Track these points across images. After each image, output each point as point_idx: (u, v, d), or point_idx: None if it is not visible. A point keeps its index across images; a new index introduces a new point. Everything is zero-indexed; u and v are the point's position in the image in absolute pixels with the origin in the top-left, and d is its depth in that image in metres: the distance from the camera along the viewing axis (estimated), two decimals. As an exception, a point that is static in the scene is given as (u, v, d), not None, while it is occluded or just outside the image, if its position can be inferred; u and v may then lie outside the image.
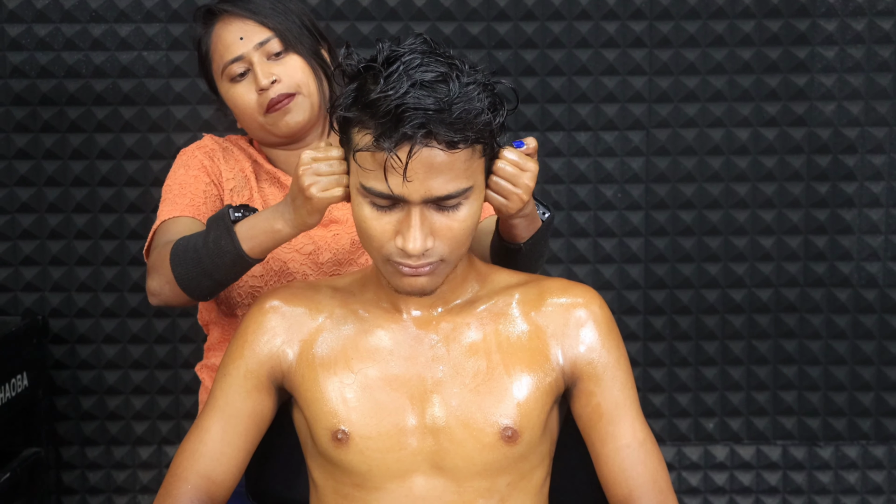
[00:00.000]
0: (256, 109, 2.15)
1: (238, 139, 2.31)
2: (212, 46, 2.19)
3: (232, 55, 2.15)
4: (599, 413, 1.82)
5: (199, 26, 2.21)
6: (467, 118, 1.64)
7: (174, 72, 3.03)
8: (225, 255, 1.94)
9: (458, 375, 1.80)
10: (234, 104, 2.18)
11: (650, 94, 3.07)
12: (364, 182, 1.69)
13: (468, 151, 1.67)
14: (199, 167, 2.21)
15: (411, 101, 1.62)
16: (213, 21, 2.19)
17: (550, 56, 3.05)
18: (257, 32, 2.16)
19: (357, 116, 1.68)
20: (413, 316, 1.83)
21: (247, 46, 2.15)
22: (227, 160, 2.25)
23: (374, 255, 1.74)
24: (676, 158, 3.09)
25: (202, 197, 2.19)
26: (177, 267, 1.99)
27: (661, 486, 1.83)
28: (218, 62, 2.18)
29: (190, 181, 2.20)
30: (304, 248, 2.20)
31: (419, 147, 1.63)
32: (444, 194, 1.67)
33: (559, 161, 3.10)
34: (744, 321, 3.15)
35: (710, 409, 3.18)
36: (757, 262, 3.12)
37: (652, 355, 3.16)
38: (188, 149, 2.26)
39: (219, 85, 2.20)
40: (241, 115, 2.18)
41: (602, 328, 1.84)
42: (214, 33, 2.18)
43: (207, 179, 2.21)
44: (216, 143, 2.27)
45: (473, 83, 1.66)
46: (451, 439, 1.78)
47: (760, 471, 3.19)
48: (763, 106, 3.07)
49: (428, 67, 1.64)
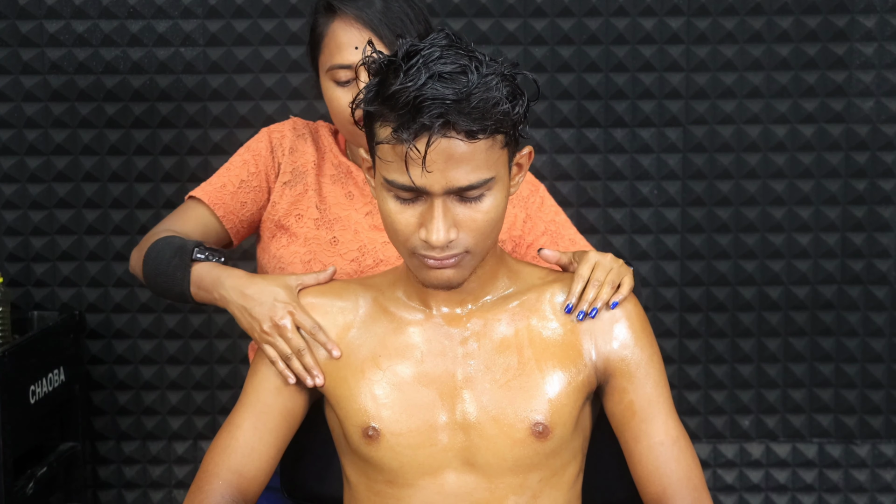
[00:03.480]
0: (350, 119, 2.10)
1: (323, 127, 2.30)
2: (325, 40, 2.14)
3: (343, 60, 2.11)
4: (632, 410, 1.82)
5: (321, 13, 2.16)
6: (486, 107, 1.64)
7: (211, 67, 3.04)
8: (175, 284, 2.05)
9: (488, 371, 1.80)
10: (331, 104, 2.15)
11: (687, 90, 3.06)
12: (386, 175, 1.69)
13: (488, 142, 1.67)
14: (255, 154, 2.22)
15: (429, 92, 1.62)
16: (333, 15, 2.13)
17: (587, 52, 3.04)
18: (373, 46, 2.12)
19: (378, 110, 1.68)
20: (443, 312, 1.83)
21: (359, 58, 2.09)
22: (293, 152, 2.24)
23: (401, 249, 1.75)
24: (713, 155, 3.08)
25: (234, 186, 2.20)
26: (145, 265, 2.10)
27: (694, 484, 1.82)
28: (327, 59, 2.14)
29: (237, 166, 2.22)
30: (348, 253, 2.19)
31: (437, 137, 1.63)
32: (465, 185, 1.67)
33: (595, 157, 3.09)
34: (780, 318, 3.13)
35: (745, 406, 3.16)
36: (794, 259, 3.11)
37: (688, 352, 3.15)
38: (266, 130, 2.28)
39: (321, 74, 2.17)
40: (335, 115, 2.16)
41: (635, 325, 1.83)
42: (332, 28, 2.13)
43: (254, 170, 2.22)
44: (292, 131, 2.26)
45: (493, 74, 1.66)
46: (481, 435, 1.78)
47: (796, 468, 3.18)
48: (801, 102, 3.05)
49: (447, 60, 1.65)
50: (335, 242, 2.18)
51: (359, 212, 2.21)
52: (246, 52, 3.04)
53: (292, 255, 2.18)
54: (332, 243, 2.18)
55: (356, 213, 2.20)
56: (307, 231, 2.19)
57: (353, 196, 2.22)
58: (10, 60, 3.03)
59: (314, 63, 2.20)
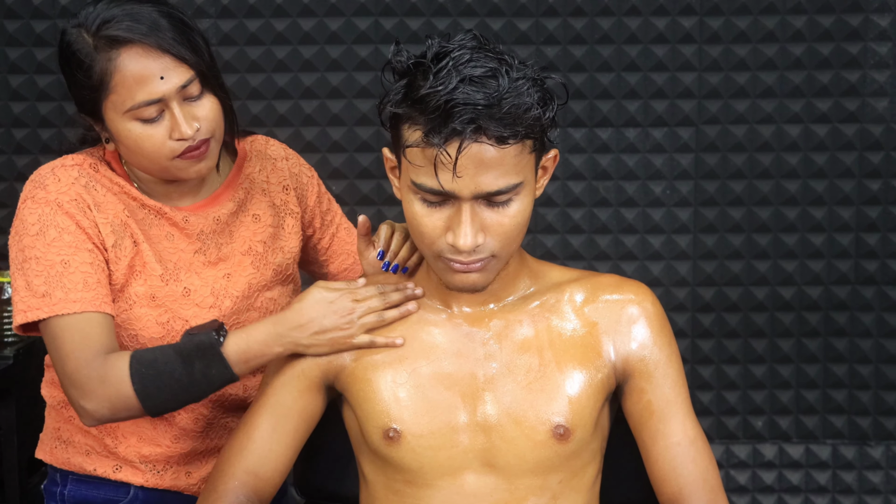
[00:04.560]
0: (167, 155, 1.88)
1: (95, 163, 1.96)
2: (115, 79, 1.84)
3: (149, 97, 1.84)
4: (650, 410, 1.81)
5: (96, 48, 1.85)
6: (517, 113, 1.64)
7: (224, 67, 3.04)
8: (214, 382, 1.86)
9: (510, 373, 1.80)
10: (137, 145, 1.88)
11: (700, 90, 3.05)
12: (414, 178, 1.68)
13: (518, 147, 1.66)
14: (77, 230, 1.89)
15: (460, 97, 1.61)
16: (117, 47, 1.84)
17: (599, 52, 3.04)
18: (178, 72, 1.86)
19: (406, 113, 1.67)
20: (465, 313, 1.83)
21: (168, 88, 1.85)
22: (98, 206, 1.93)
23: (426, 252, 1.74)
24: (726, 155, 3.08)
25: (96, 277, 1.89)
26: (149, 398, 1.84)
27: (711, 485, 1.81)
28: (124, 99, 1.85)
29: (73, 255, 1.88)
30: (203, 301, 1.98)
31: (469, 142, 1.63)
32: (494, 190, 1.66)
33: (608, 157, 3.08)
34: (793, 319, 3.12)
35: (758, 407, 3.16)
36: (807, 260, 3.10)
37: (700, 353, 3.14)
38: (48, 194, 1.89)
39: (112, 118, 1.88)
40: (141, 156, 1.89)
41: (654, 325, 1.83)
42: (121, 64, 1.84)
43: (90, 246, 1.90)
44: (79, 184, 1.92)
45: (523, 78, 1.65)
46: (502, 437, 1.78)
47: (810, 470, 3.17)
48: (814, 102, 3.05)
49: (477, 63, 1.64)
50: (188, 293, 1.97)
51: (187, 252, 1.98)
52: (259, 51, 3.04)
53: (144, 317, 1.95)
54: (184, 295, 1.97)
55: (186, 255, 1.98)
56: (155, 289, 1.95)
57: (174, 236, 1.98)
58: (24, 60, 3.03)
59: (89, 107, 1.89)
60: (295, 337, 1.84)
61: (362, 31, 3.02)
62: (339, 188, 3.06)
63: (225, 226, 2.02)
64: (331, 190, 3.05)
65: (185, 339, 1.86)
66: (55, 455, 2.06)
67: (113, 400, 1.85)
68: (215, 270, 2.00)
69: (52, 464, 2.06)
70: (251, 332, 1.85)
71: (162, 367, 1.84)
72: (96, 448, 2.02)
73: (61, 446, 2.05)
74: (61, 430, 2.05)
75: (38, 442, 2.12)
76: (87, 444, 2.02)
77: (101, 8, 1.86)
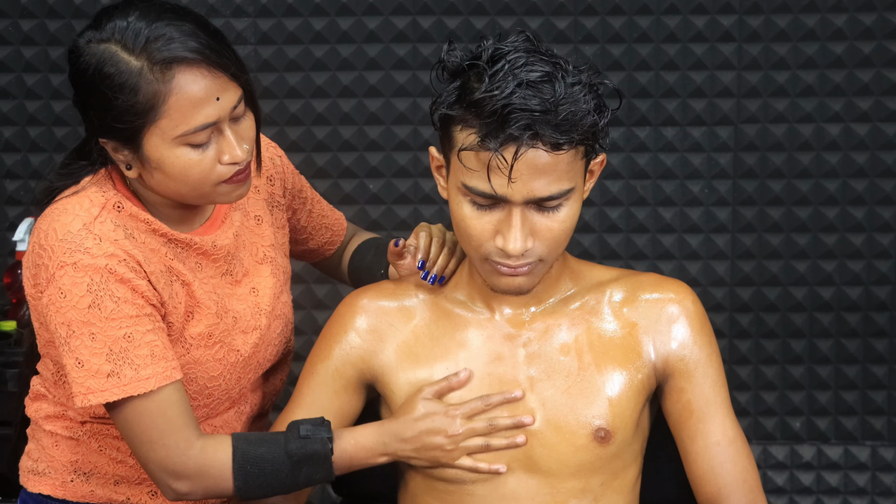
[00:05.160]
0: (213, 181, 1.74)
1: (118, 201, 1.78)
2: (170, 102, 1.68)
3: (206, 120, 1.70)
4: (690, 410, 1.81)
5: (144, 69, 1.68)
6: (573, 120, 1.63)
7: (262, 66, 3.05)
8: (313, 483, 1.80)
9: (550, 376, 1.79)
10: (183, 173, 1.73)
11: (739, 88, 3.04)
12: (466, 181, 1.68)
13: (571, 153, 1.66)
14: (134, 296, 1.72)
15: (518, 102, 1.61)
16: (170, 67, 1.68)
17: (638, 51, 3.03)
18: (231, 91, 1.73)
19: (460, 115, 1.67)
20: (506, 315, 1.83)
21: (224, 110, 1.71)
22: (147, 259, 1.75)
23: (472, 254, 1.74)
24: (765, 154, 3.06)
25: (161, 343, 1.74)
26: (248, 493, 1.77)
27: (750, 485, 1.81)
28: (177, 124, 1.69)
29: (135, 325, 1.72)
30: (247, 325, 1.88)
31: (525, 148, 1.62)
32: (546, 195, 1.66)
33: (645, 156, 3.08)
34: (832, 319, 3.11)
35: (797, 407, 3.14)
36: (847, 260, 3.08)
37: (738, 353, 3.13)
38: (94, 259, 1.70)
39: (156, 145, 1.71)
40: (183, 183, 1.74)
41: (694, 324, 1.82)
42: (177, 86, 1.68)
43: (149, 310, 1.74)
44: (120, 236, 1.73)
45: (578, 83, 1.65)
46: (543, 441, 1.78)
47: (848, 471, 3.15)
48: (855, 101, 3.02)
49: (533, 67, 1.63)
50: (235, 321, 1.86)
51: (216, 277, 1.86)
52: (297, 50, 3.04)
53: (203, 359, 1.83)
54: (233, 324, 1.86)
55: (216, 280, 1.86)
56: (211, 327, 1.83)
57: (202, 265, 1.85)
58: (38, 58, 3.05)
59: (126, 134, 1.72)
60: (399, 448, 1.79)
61: (400, 30, 3.02)
62: (377, 186, 3.06)
63: (240, 238, 1.90)
64: (368, 189, 3.07)
65: (297, 443, 1.76)
66: (71, 490, 1.88)
67: (210, 488, 1.77)
68: (243, 288, 1.89)
69: (65, 498, 1.88)
70: (358, 438, 1.79)
71: (269, 468, 1.75)
72: (129, 477, 1.88)
73: (80, 479, 1.87)
74: (80, 463, 1.87)
75: (30, 475, 1.91)
76: (118, 473, 1.88)
77: (140, 24, 1.70)
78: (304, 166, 3.01)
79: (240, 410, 1.93)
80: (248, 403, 1.95)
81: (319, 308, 3.07)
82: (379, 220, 3.05)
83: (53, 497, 1.88)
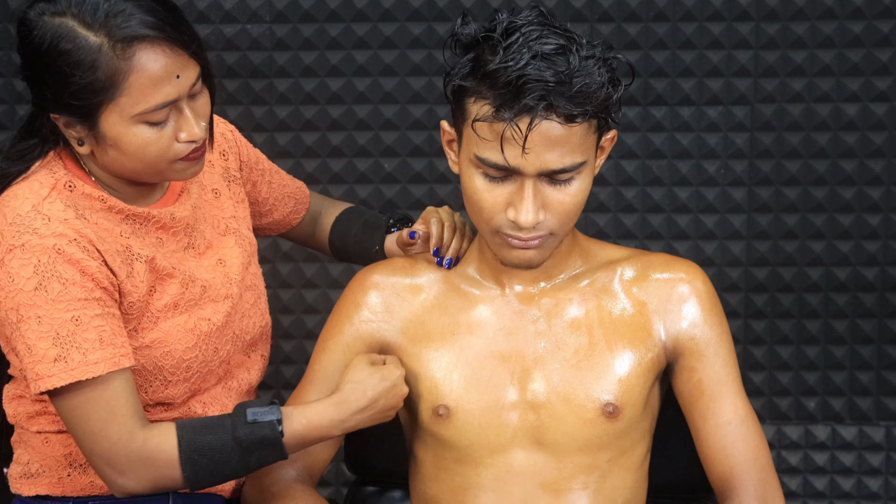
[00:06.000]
0: (170, 158, 1.72)
1: (69, 180, 1.75)
2: (130, 80, 1.65)
3: (165, 98, 1.68)
4: (701, 389, 1.81)
5: (103, 45, 1.64)
6: (587, 92, 1.64)
7: (277, 44, 3.05)
8: (264, 465, 1.79)
9: (559, 351, 1.80)
10: (141, 150, 1.70)
11: (756, 68, 3.03)
12: (479, 153, 1.68)
13: (584, 126, 1.67)
14: (82, 278, 1.69)
15: (532, 73, 1.62)
16: (131, 44, 1.65)
17: (654, 30, 3.02)
18: (190, 69, 1.71)
19: (473, 86, 1.67)
20: (516, 291, 1.83)
21: (183, 87, 1.69)
22: (100, 238, 1.72)
23: (483, 228, 1.75)
24: (781, 134, 3.05)
25: (110, 327, 1.70)
26: (198, 482, 1.75)
27: (762, 464, 1.81)
28: (137, 102, 1.67)
29: (83, 308, 1.68)
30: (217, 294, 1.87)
31: (539, 119, 1.63)
32: (559, 168, 1.67)
33: (661, 136, 3.07)
34: (848, 300, 3.10)
35: (811, 388, 3.14)
36: (863, 240, 3.07)
37: (753, 333, 3.13)
38: (42, 239, 1.67)
39: (113, 123, 1.69)
40: (139, 161, 1.72)
41: (705, 304, 1.83)
42: (138, 63, 1.65)
43: (98, 294, 1.70)
44: (71, 216, 1.70)
45: (592, 57, 1.66)
46: (551, 415, 1.78)
47: (863, 452, 3.15)
48: (873, 81, 3.01)
49: (547, 39, 1.64)
50: (205, 290, 1.85)
51: (178, 250, 1.84)
52: (312, 28, 3.04)
53: (173, 330, 1.81)
54: (202, 294, 1.84)
55: (179, 253, 1.84)
56: (176, 297, 1.81)
57: (163, 240, 1.82)
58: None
59: (81, 111, 1.68)
60: (358, 420, 1.79)
61: (415, 9, 3.02)
62: (392, 166, 3.06)
63: (199, 210, 1.88)
64: (383, 168, 3.07)
65: (245, 429, 1.74)
66: (70, 485, 1.85)
67: (157, 481, 1.74)
68: (209, 260, 1.87)
69: (64, 495, 1.84)
70: (311, 417, 1.77)
71: (217, 456, 1.73)
72: None
73: (77, 472, 1.84)
74: (75, 455, 1.84)
75: (22, 480, 1.86)
76: None
77: None
78: (320, 144, 3.02)
79: (227, 386, 1.93)
80: (235, 379, 1.94)
81: (334, 287, 3.08)
82: (394, 199, 3.05)
83: (52, 496, 1.85)
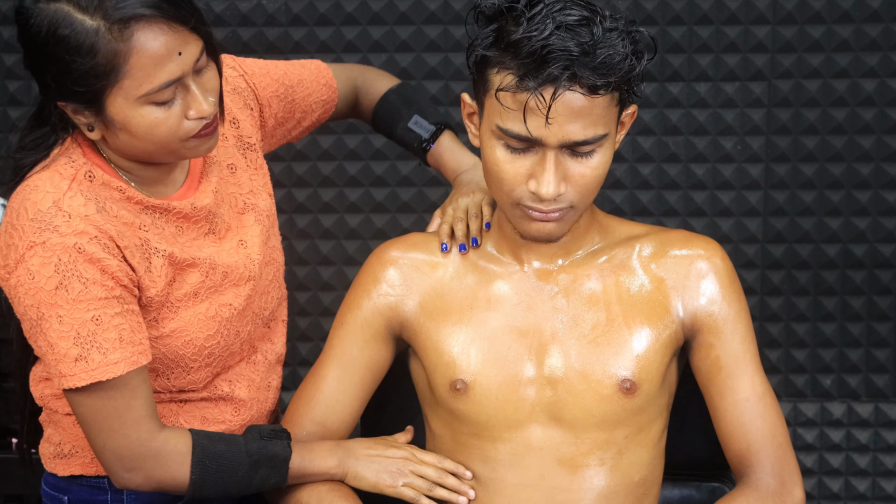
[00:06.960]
0: (181, 137, 1.69)
1: (89, 170, 1.73)
2: (131, 62, 1.62)
3: (169, 77, 1.65)
4: (718, 366, 1.81)
5: (101, 28, 1.61)
6: (611, 63, 1.64)
7: (293, 20, 3.04)
8: (264, 487, 1.79)
9: (577, 327, 1.80)
10: (150, 132, 1.68)
11: (773, 43, 3.01)
12: (500, 124, 1.68)
13: (607, 98, 1.66)
14: (103, 276, 1.68)
15: (556, 43, 1.62)
16: (129, 25, 1.62)
17: (671, 5, 3.01)
18: (192, 44, 1.67)
19: (496, 57, 1.67)
20: (534, 267, 1.83)
21: (186, 64, 1.66)
22: (120, 233, 1.71)
23: (503, 199, 1.74)
24: (798, 110, 3.04)
25: (129, 326, 1.70)
26: (201, 488, 1.75)
27: (779, 441, 1.81)
28: (140, 83, 1.64)
29: (103, 308, 1.68)
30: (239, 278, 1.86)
31: (563, 90, 1.63)
32: (581, 139, 1.66)
33: (678, 112, 3.06)
34: (865, 276, 3.09)
35: (827, 365, 3.13)
36: (880, 217, 3.06)
37: (769, 310, 3.12)
38: (63, 237, 1.66)
39: (120, 106, 1.66)
40: (150, 142, 1.69)
41: (723, 280, 1.82)
42: (137, 44, 1.62)
43: (119, 292, 1.69)
44: (91, 211, 1.69)
45: (615, 29, 1.65)
46: (569, 390, 1.78)
47: (878, 429, 3.14)
48: (890, 56, 2.99)
49: (570, 11, 1.64)
50: (226, 276, 1.83)
51: (199, 237, 1.82)
52: (328, 4, 3.04)
53: (194, 319, 1.80)
54: (223, 279, 1.82)
55: (199, 240, 1.82)
56: (196, 286, 1.80)
57: (183, 229, 1.80)
58: None
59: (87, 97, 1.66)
60: (352, 464, 1.82)
61: (431, -16, 3.02)
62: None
63: (219, 194, 1.85)
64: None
65: (257, 444, 1.77)
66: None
67: (163, 481, 1.74)
68: (230, 243, 1.85)
69: (99, 474, 1.84)
70: (315, 457, 1.80)
71: (227, 464, 1.74)
72: None
73: None
74: None
75: (56, 459, 1.86)
76: None
77: None
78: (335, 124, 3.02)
79: (252, 360, 1.94)
80: (260, 352, 1.95)
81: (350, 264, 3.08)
82: (409, 176, 3.05)
83: (87, 476, 1.85)
